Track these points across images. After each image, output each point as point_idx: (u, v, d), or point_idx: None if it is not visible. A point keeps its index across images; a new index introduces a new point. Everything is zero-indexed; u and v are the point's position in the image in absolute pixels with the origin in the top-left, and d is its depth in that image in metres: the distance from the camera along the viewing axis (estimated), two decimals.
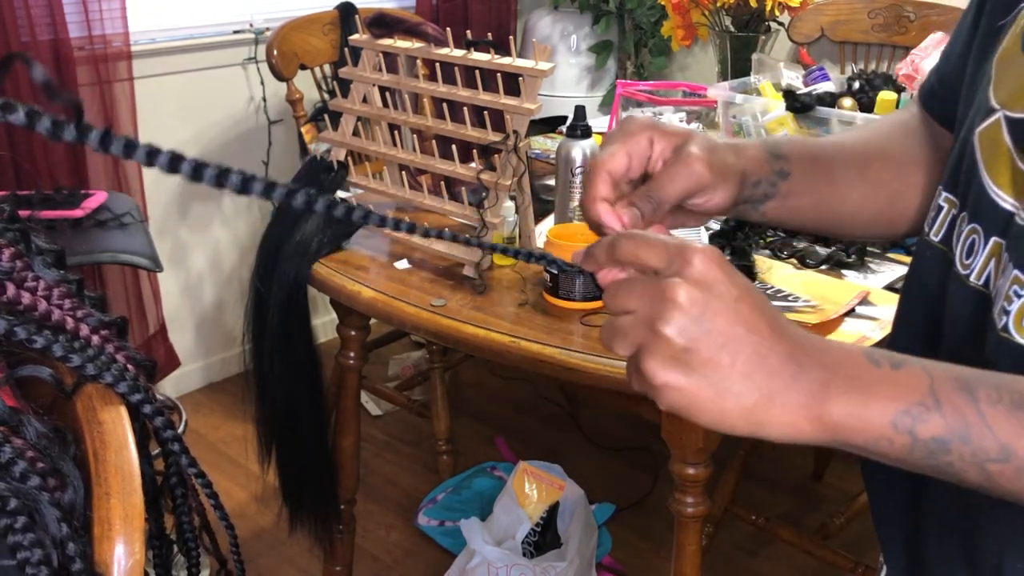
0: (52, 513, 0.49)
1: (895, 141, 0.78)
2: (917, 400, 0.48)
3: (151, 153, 0.38)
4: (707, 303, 0.48)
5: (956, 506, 0.63)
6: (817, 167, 0.73)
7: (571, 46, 2.94)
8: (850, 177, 0.74)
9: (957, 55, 0.72)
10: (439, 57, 1.35)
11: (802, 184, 0.71)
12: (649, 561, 2.01)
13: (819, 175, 0.73)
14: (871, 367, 0.49)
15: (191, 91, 2.48)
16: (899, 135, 0.78)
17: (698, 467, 1.21)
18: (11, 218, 0.59)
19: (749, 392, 0.48)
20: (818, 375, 0.48)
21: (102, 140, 0.36)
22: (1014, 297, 0.56)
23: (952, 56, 0.74)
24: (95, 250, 1.61)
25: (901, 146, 0.77)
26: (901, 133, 0.78)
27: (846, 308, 1.19)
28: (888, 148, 0.77)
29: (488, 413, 2.59)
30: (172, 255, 2.55)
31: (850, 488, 2.17)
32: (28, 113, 0.35)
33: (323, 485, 1.60)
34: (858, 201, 0.74)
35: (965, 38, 0.71)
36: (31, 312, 0.55)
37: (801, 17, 2.25)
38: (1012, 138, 0.59)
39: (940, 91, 0.76)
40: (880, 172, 0.75)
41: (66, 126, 0.35)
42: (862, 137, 0.78)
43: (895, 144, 0.77)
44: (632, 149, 0.63)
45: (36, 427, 0.52)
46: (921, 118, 0.79)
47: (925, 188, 0.76)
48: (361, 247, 1.44)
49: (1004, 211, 0.59)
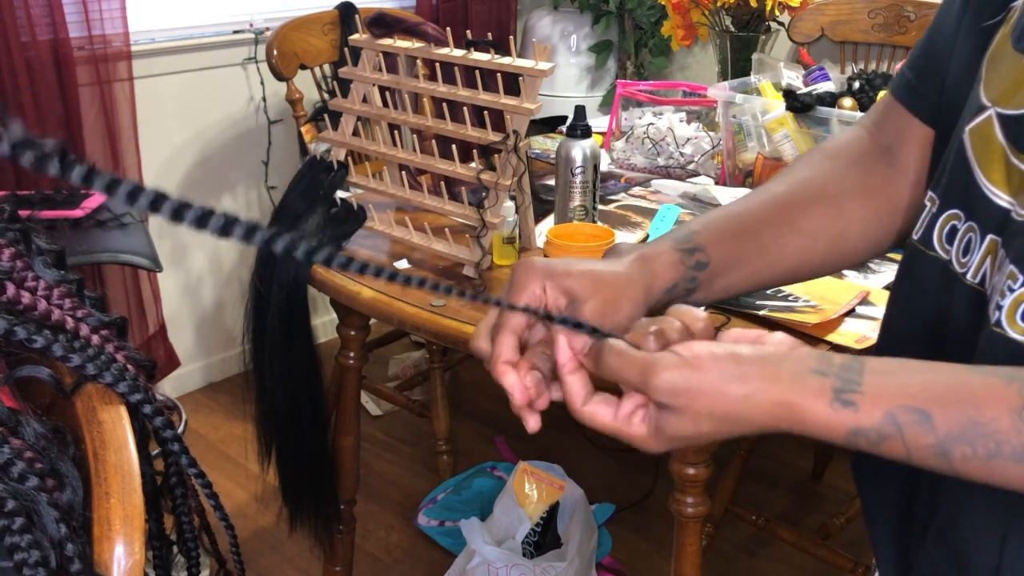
0: (50, 514, 0.49)
1: (827, 177, 0.76)
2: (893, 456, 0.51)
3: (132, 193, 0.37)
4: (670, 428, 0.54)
5: (947, 506, 0.63)
6: (741, 240, 0.72)
7: (571, 46, 2.94)
8: (780, 235, 0.73)
9: (940, 52, 0.71)
10: (439, 57, 1.35)
11: (726, 264, 0.71)
12: (649, 561, 2.01)
13: (745, 247, 0.72)
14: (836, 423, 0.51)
15: (191, 91, 2.48)
16: (830, 169, 0.76)
17: (698, 467, 1.21)
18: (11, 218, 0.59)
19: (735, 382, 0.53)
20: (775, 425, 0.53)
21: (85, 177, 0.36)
22: (1007, 292, 0.56)
23: (935, 52, 0.73)
24: (95, 250, 1.61)
25: (840, 182, 0.75)
26: (844, 166, 0.76)
27: (846, 308, 1.19)
28: (825, 187, 0.75)
29: (488, 413, 2.59)
30: (172, 255, 2.55)
31: (850, 488, 2.17)
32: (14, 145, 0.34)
33: (323, 485, 1.60)
34: (796, 255, 0.73)
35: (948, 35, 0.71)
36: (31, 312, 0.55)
37: (801, 17, 2.26)
38: (1005, 135, 0.59)
39: (920, 86, 0.74)
40: (814, 219, 0.74)
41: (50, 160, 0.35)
42: (786, 186, 0.76)
43: (828, 181, 0.76)
44: (528, 299, 0.63)
45: (35, 427, 0.52)
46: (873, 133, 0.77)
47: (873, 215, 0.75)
48: (361, 247, 1.44)
49: (999, 208, 0.59)
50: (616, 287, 0.64)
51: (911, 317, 0.68)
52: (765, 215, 0.73)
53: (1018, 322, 0.56)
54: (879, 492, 0.72)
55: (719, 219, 0.73)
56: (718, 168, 1.77)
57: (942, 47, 0.71)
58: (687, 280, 0.69)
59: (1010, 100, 0.59)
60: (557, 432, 2.49)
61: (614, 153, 1.86)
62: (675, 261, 0.69)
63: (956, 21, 0.70)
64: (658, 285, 0.67)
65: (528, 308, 0.61)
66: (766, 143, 1.65)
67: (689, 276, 0.69)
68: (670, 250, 0.69)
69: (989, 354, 0.57)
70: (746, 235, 0.72)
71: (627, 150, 1.83)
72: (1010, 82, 0.60)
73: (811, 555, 1.84)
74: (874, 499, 0.73)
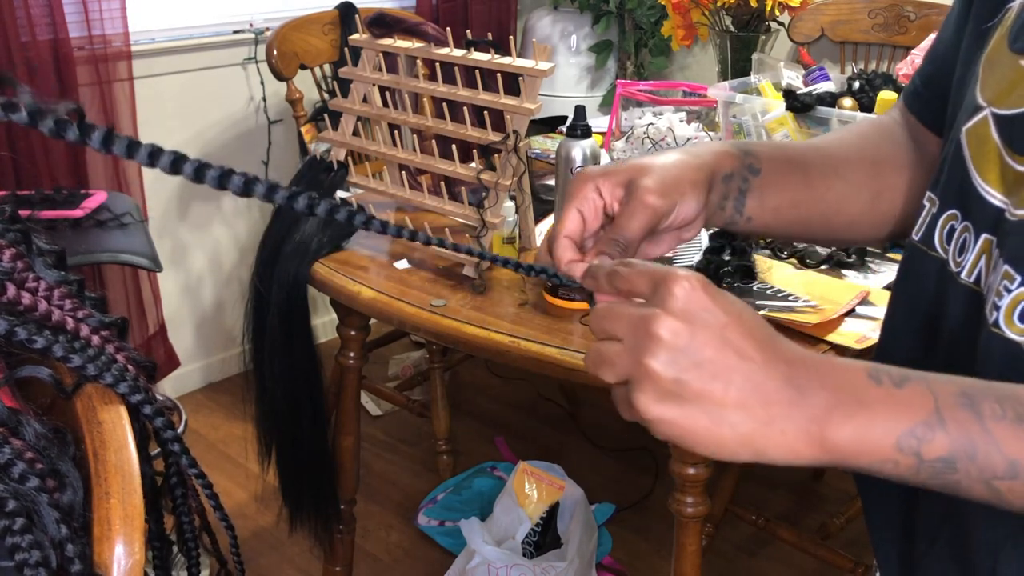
0: (51, 514, 0.49)
1: (871, 142, 0.77)
2: (921, 420, 0.47)
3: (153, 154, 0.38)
4: (693, 334, 0.46)
5: (949, 509, 0.63)
6: (790, 166, 0.72)
7: (571, 46, 2.94)
8: (826, 175, 0.73)
9: (943, 57, 0.72)
10: (439, 57, 1.35)
11: (775, 181, 0.70)
12: (649, 561, 2.01)
13: (793, 173, 0.72)
14: (872, 386, 0.48)
15: (191, 91, 2.48)
16: (875, 137, 0.77)
17: (698, 467, 1.21)
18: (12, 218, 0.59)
19: (745, 421, 0.47)
20: (819, 398, 0.47)
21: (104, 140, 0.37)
22: (1004, 292, 0.56)
23: (937, 58, 0.74)
24: (95, 250, 1.61)
25: (877, 147, 0.76)
26: (878, 135, 0.78)
27: (846, 308, 1.19)
28: (864, 149, 0.76)
29: (488, 413, 2.59)
30: (172, 255, 2.55)
31: (850, 488, 2.17)
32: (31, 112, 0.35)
33: (323, 485, 1.60)
34: (837, 200, 0.74)
35: (951, 40, 0.71)
36: (31, 312, 0.55)
37: (801, 17, 2.25)
38: (1000, 135, 0.59)
39: (925, 93, 0.76)
40: (857, 172, 0.75)
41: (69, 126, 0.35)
42: (836, 139, 0.78)
43: (871, 145, 0.77)
44: (581, 206, 0.63)
45: (35, 428, 0.52)
46: (903, 122, 0.79)
47: (907, 191, 0.75)
48: (361, 247, 1.44)
49: (994, 208, 0.59)
50: (673, 168, 0.64)
51: (911, 317, 0.68)
52: (813, 156, 0.74)
53: (1016, 322, 0.56)
54: (881, 496, 0.72)
55: (771, 144, 0.74)
56: None
57: (944, 52, 0.72)
58: (741, 177, 0.69)
59: (1005, 100, 0.60)
60: (557, 432, 2.49)
61: (614, 153, 1.86)
62: (732, 154, 0.69)
63: (957, 25, 0.70)
64: (718, 169, 0.67)
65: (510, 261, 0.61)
66: None
67: (742, 175, 0.69)
68: (727, 146, 0.70)
69: (988, 355, 0.57)
70: (796, 164, 0.73)
71: (627, 150, 1.83)
72: (1006, 83, 0.60)
73: (811, 555, 1.84)
74: (876, 504, 0.73)
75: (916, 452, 0.47)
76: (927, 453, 0.47)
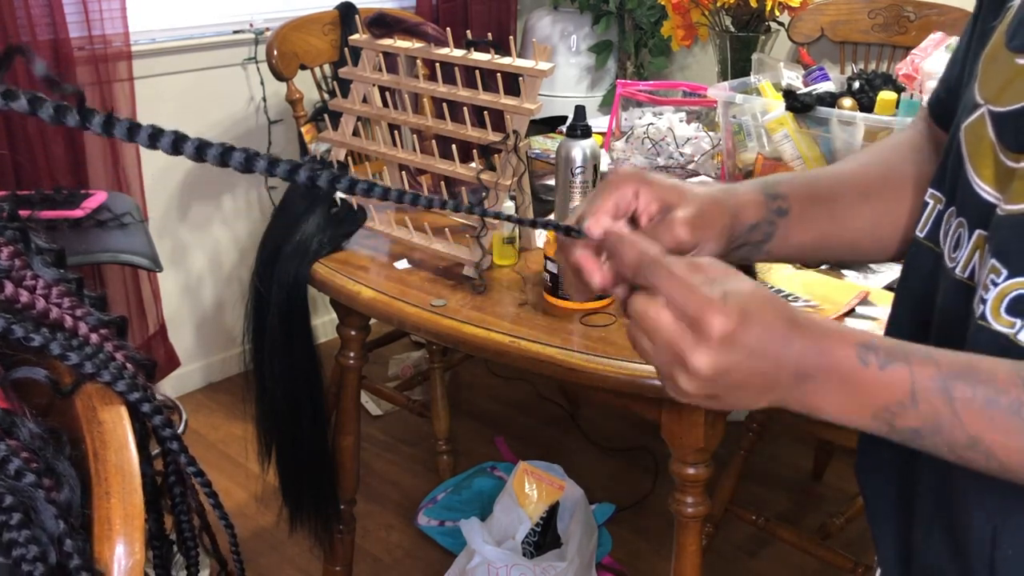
0: (48, 510, 0.49)
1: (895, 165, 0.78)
2: (896, 400, 0.53)
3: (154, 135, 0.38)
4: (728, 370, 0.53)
5: (947, 499, 0.64)
6: (817, 201, 0.74)
7: (571, 46, 2.94)
8: (852, 205, 0.75)
9: (960, 62, 0.73)
10: (439, 57, 1.35)
11: (803, 220, 0.73)
12: (649, 561, 2.01)
13: (820, 208, 0.74)
14: (861, 369, 0.54)
15: (191, 91, 2.48)
16: (898, 158, 0.78)
17: (698, 467, 1.21)
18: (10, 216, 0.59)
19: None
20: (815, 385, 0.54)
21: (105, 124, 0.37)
22: (991, 285, 0.58)
23: (955, 64, 0.74)
24: (95, 250, 1.61)
25: (901, 169, 0.77)
26: (900, 156, 0.78)
27: (846, 308, 1.19)
28: (889, 173, 0.77)
29: (488, 413, 2.59)
30: (172, 255, 2.55)
31: (850, 488, 2.17)
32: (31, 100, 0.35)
33: (323, 485, 1.60)
34: (864, 229, 0.75)
35: (965, 44, 0.72)
36: (29, 310, 0.55)
37: (801, 17, 2.25)
38: (995, 132, 0.60)
39: (946, 99, 0.76)
40: (883, 199, 0.76)
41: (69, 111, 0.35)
42: (861, 164, 0.79)
43: (895, 168, 0.78)
44: (619, 199, 0.64)
45: (30, 428, 0.52)
46: (926, 132, 0.79)
47: None
48: (361, 247, 1.44)
49: (987, 203, 0.60)
50: (707, 205, 0.66)
51: (912, 312, 0.70)
52: (840, 187, 0.76)
53: (1002, 315, 0.57)
54: (881, 488, 0.73)
55: (800, 179, 0.76)
56: (718, 168, 1.77)
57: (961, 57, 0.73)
58: (767, 223, 0.71)
59: (1001, 98, 0.60)
60: (557, 432, 2.49)
61: (614, 153, 1.86)
62: (760, 202, 0.71)
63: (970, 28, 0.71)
64: (743, 218, 0.70)
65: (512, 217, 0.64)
66: (766, 143, 1.65)
67: (770, 219, 0.71)
68: (756, 191, 0.72)
69: (975, 347, 0.58)
70: (824, 197, 0.75)
71: (627, 150, 1.83)
72: (1002, 80, 0.61)
73: (811, 555, 1.83)
74: (876, 496, 0.74)
75: (889, 423, 0.54)
76: (899, 424, 0.54)
